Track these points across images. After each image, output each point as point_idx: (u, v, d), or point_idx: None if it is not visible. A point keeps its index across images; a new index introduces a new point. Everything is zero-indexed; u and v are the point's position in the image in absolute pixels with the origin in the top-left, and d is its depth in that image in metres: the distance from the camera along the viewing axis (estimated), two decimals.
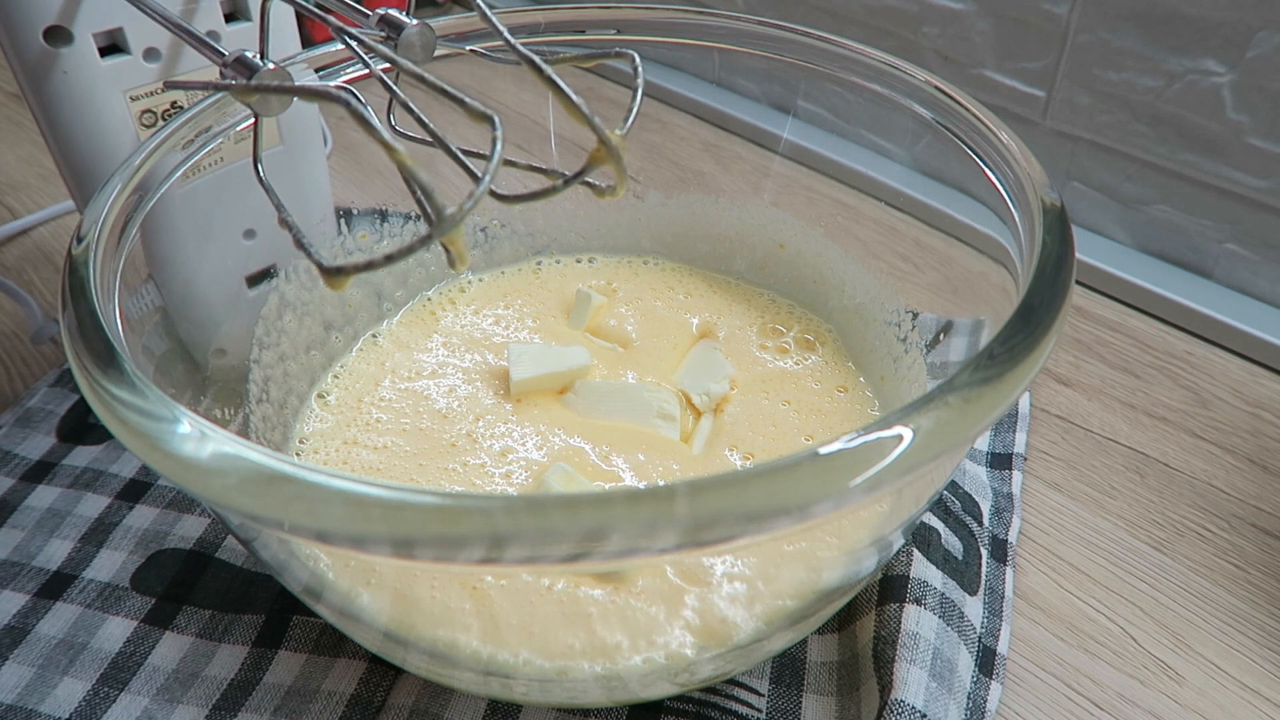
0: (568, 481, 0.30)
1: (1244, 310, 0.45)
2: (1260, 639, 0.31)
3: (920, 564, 0.30)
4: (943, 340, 0.33)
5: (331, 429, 0.34)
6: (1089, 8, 0.46)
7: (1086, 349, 0.44)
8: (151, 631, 0.30)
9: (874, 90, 0.33)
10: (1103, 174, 0.49)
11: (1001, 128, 0.28)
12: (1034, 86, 0.50)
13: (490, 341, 0.38)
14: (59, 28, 0.29)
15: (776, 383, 0.36)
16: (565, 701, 0.28)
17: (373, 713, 0.28)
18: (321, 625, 0.30)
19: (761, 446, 0.33)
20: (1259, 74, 0.42)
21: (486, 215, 0.42)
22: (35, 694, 0.29)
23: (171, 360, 0.29)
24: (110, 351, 0.20)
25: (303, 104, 0.33)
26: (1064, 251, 0.23)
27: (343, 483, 0.17)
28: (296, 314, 0.36)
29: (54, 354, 0.43)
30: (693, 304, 0.40)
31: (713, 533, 0.16)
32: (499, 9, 0.33)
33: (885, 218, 0.37)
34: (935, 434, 0.18)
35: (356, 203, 0.39)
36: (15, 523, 0.34)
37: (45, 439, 0.37)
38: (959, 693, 0.27)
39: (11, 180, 0.56)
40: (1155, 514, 0.36)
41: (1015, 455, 0.37)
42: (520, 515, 0.16)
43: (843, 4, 0.57)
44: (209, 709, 0.28)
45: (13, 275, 0.49)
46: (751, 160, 0.43)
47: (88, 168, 0.31)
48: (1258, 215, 0.45)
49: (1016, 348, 0.20)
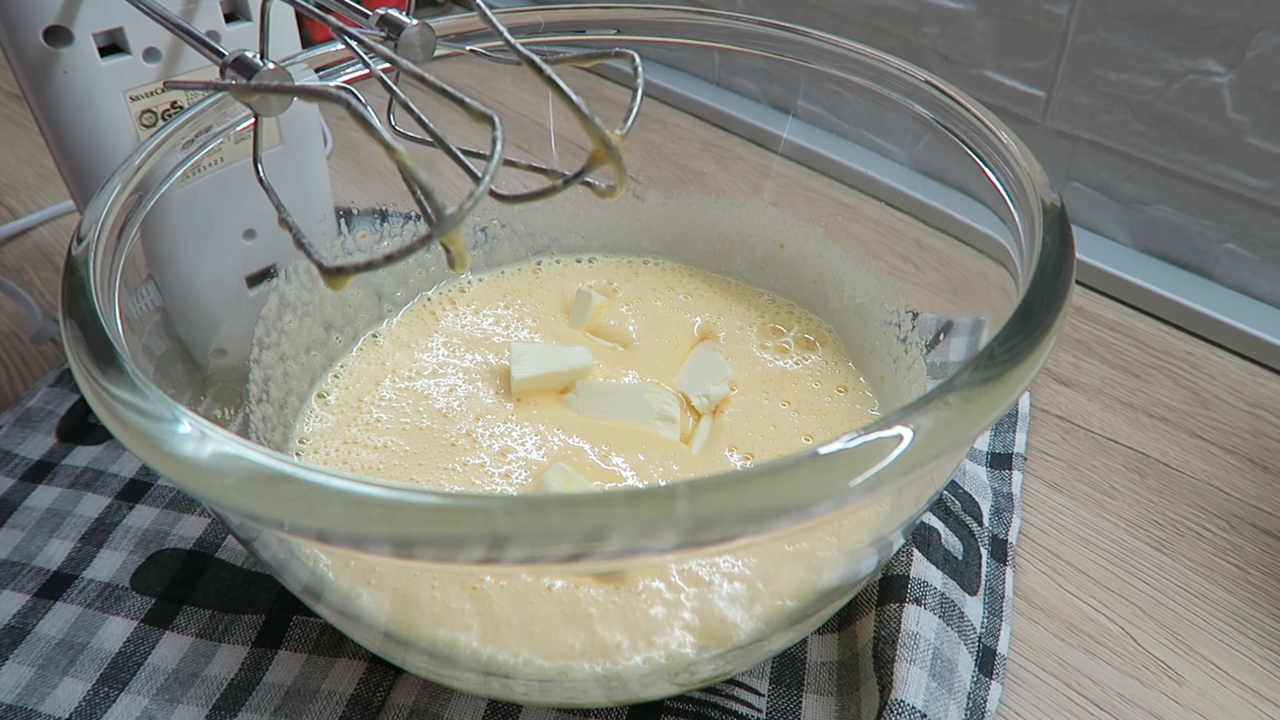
0: (567, 481, 0.30)
1: (1244, 310, 0.45)
2: (1260, 639, 0.31)
3: (920, 564, 0.30)
4: (943, 340, 0.33)
5: (331, 429, 0.34)
6: (1089, 8, 0.46)
7: (1086, 349, 0.44)
8: (151, 631, 0.30)
9: (874, 90, 0.33)
10: (1103, 174, 0.49)
11: (1001, 128, 0.28)
12: (1034, 86, 0.50)
13: (490, 341, 0.38)
14: (59, 28, 0.29)
15: (776, 383, 0.36)
16: (565, 701, 0.28)
17: (373, 713, 0.28)
18: (321, 625, 0.30)
19: (761, 446, 0.33)
20: (1259, 74, 0.42)
21: (486, 215, 0.42)
22: (35, 694, 0.29)
23: (171, 360, 0.29)
24: (110, 351, 0.20)
25: (303, 104, 0.33)
26: (1064, 251, 0.23)
27: (343, 483, 0.17)
28: (297, 314, 0.36)
29: (54, 354, 0.43)
30: (693, 304, 0.40)
31: (713, 533, 0.16)
32: (499, 9, 0.33)
33: (885, 218, 0.37)
34: (935, 434, 0.18)
35: (356, 203, 0.39)
36: (15, 523, 0.34)
37: (45, 439, 0.37)
38: (959, 693, 0.27)
39: (11, 180, 0.56)
40: (1155, 514, 0.36)
41: (1015, 455, 0.37)
42: (520, 515, 0.16)
43: (843, 4, 0.57)
44: (209, 709, 0.28)
45: (12, 275, 0.49)
46: (751, 160, 0.43)
47: (88, 168, 0.31)
48: (1258, 215, 0.45)
49: (1016, 348, 0.20)
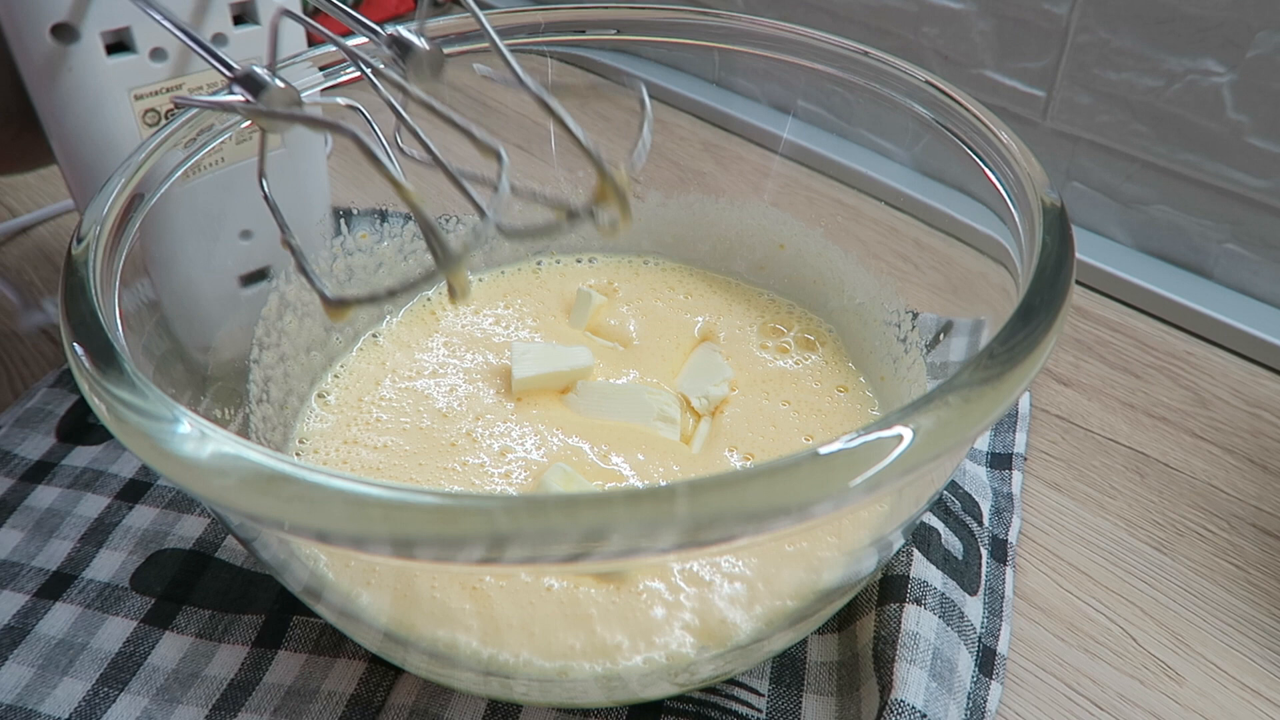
0: (567, 481, 0.30)
1: (1244, 310, 0.45)
2: (1260, 639, 0.31)
3: (920, 564, 0.30)
4: (943, 340, 0.33)
5: (331, 429, 0.34)
6: (1089, 8, 0.46)
7: (1086, 349, 0.44)
8: (151, 631, 0.30)
9: (874, 90, 0.33)
10: (1103, 174, 0.49)
11: (1001, 128, 0.28)
12: (1034, 86, 0.50)
13: (491, 341, 0.38)
14: (67, 25, 0.29)
15: (776, 382, 0.36)
16: (565, 701, 0.28)
17: (373, 713, 0.28)
18: (321, 625, 0.30)
19: (761, 446, 0.33)
20: (1259, 74, 0.42)
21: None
22: (35, 694, 0.29)
23: (171, 360, 0.29)
24: (110, 351, 0.20)
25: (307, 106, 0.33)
26: (1064, 251, 0.23)
27: (343, 483, 0.17)
28: (297, 314, 0.36)
29: (54, 354, 0.43)
30: (693, 304, 0.40)
31: (713, 533, 0.16)
32: (499, 9, 0.33)
33: (885, 218, 0.37)
34: (935, 434, 0.18)
35: (356, 203, 0.39)
36: (15, 523, 0.34)
37: (45, 439, 0.37)
38: (959, 693, 0.27)
39: (11, 180, 0.56)
40: (1155, 514, 0.36)
41: (1015, 455, 0.37)
42: (520, 515, 0.16)
43: (843, 4, 0.57)
44: (209, 709, 0.28)
45: (12, 275, 0.49)
46: (751, 160, 0.43)
47: (89, 165, 0.31)
48: (1258, 215, 0.45)
49: (1016, 348, 0.20)
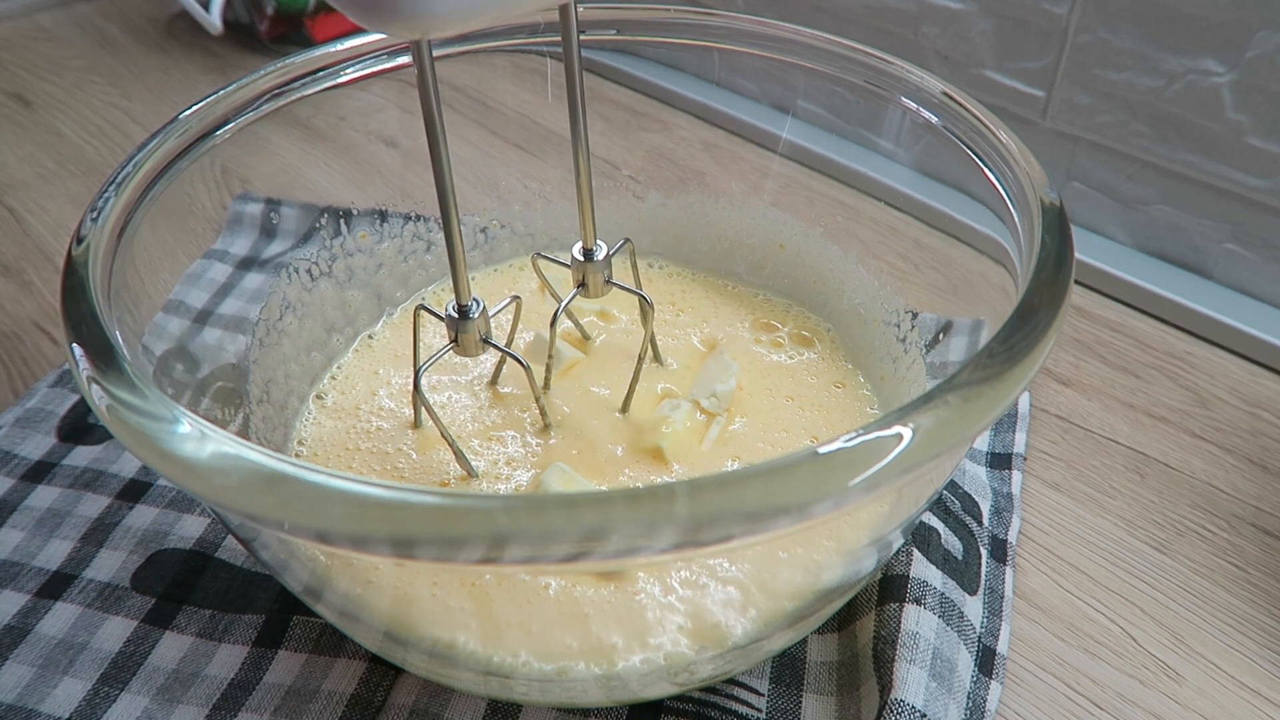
0: (566, 481, 0.30)
1: (1244, 310, 0.45)
2: (1260, 639, 0.31)
3: (920, 564, 0.30)
4: (942, 340, 0.33)
5: (331, 430, 0.34)
6: (1089, 8, 0.46)
7: (1086, 349, 0.44)
8: (151, 631, 0.30)
9: (874, 90, 0.33)
10: (1103, 174, 0.49)
11: (1001, 128, 0.28)
12: (1034, 86, 0.50)
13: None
14: None
15: (777, 382, 0.36)
16: (565, 701, 0.28)
17: (373, 713, 0.28)
18: (321, 625, 0.30)
19: (761, 448, 0.33)
20: (1259, 74, 0.42)
21: (486, 215, 0.42)
22: (35, 694, 0.29)
23: (171, 360, 0.29)
24: (110, 351, 0.20)
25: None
26: (1064, 251, 0.23)
27: (343, 483, 0.17)
28: (297, 315, 0.36)
29: (54, 354, 0.43)
30: (693, 304, 0.40)
31: (712, 532, 0.16)
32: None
33: (885, 218, 0.37)
34: (935, 433, 0.18)
35: (356, 203, 0.39)
36: (15, 523, 0.34)
37: (45, 439, 0.37)
38: (959, 692, 0.27)
39: (11, 180, 0.56)
40: (1155, 514, 0.36)
41: (1015, 455, 0.37)
42: (520, 515, 0.16)
43: (843, 4, 0.57)
44: (209, 709, 0.28)
45: (13, 275, 0.49)
46: (751, 160, 0.43)
47: None
48: (1258, 215, 0.45)
49: (1016, 347, 0.20)
